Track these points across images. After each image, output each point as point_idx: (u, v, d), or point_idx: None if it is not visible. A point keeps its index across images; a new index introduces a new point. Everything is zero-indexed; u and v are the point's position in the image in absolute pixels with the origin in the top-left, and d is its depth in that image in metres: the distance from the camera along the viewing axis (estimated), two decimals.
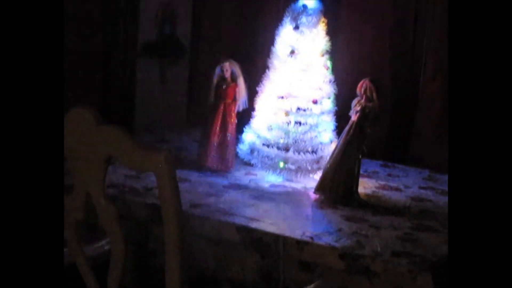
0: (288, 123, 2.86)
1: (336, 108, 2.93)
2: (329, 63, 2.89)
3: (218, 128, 2.90)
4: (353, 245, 2.24)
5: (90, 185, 1.85)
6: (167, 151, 1.76)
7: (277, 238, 2.29)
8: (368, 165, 3.15)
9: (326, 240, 2.26)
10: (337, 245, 2.23)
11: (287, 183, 2.85)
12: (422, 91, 3.48)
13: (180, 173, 2.82)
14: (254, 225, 2.36)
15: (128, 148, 1.77)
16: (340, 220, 2.47)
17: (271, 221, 2.41)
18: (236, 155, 2.96)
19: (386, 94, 3.38)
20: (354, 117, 2.67)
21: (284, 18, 2.89)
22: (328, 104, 2.90)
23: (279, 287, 2.31)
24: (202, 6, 3.96)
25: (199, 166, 2.92)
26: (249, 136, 2.95)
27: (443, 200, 2.77)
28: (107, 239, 2.04)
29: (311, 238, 2.27)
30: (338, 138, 2.73)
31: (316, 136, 2.88)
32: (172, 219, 1.79)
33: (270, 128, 2.89)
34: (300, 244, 2.26)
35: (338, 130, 2.87)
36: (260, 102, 2.92)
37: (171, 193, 1.78)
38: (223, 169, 2.91)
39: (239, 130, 2.96)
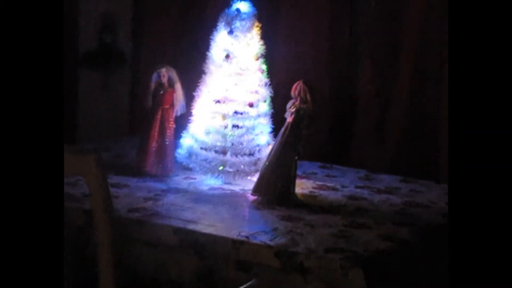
0: (225, 127, 2.89)
1: (272, 110, 2.97)
2: (264, 67, 2.94)
3: (156, 133, 2.92)
4: (287, 243, 2.28)
5: None
6: (96, 153, 1.78)
7: (213, 239, 2.32)
8: (307, 166, 3.18)
9: (262, 239, 2.30)
10: (272, 243, 2.27)
11: (225, 186, 2.88)
12: (360, 94, 3.53)
13: (119, 179, 2.84)
14: (191, 227, 2.39)
15: None
16: (276, 220, 2.51)
17: (208, 223, 2.44)
18: (175, 159, 2.98)
19: (323, 95, 3.43)
20: (289, 118, 2.72)
21: (219, 23, 2.92)
22: (265, 107, 2.95)
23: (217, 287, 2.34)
24: (142, 15, 3.96)
25: (138, 172, 2.93)
26: (187, 141, 2.97)
27: (378, 198, 2.84)
28: None
29: (247, 237, 2.31)
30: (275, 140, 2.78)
31: (253, 139, 2.92)
32: (103, 223, 1.82)
33: (207, 132, 2.91)
34: (236, 243, 2.29)
35: (275, 132, 2.90)
36: (197, 107, 2.95)
37: (101, 195, 1.81)
38: (162, 174, 2.92)
39: (177, 135, 2.98)
